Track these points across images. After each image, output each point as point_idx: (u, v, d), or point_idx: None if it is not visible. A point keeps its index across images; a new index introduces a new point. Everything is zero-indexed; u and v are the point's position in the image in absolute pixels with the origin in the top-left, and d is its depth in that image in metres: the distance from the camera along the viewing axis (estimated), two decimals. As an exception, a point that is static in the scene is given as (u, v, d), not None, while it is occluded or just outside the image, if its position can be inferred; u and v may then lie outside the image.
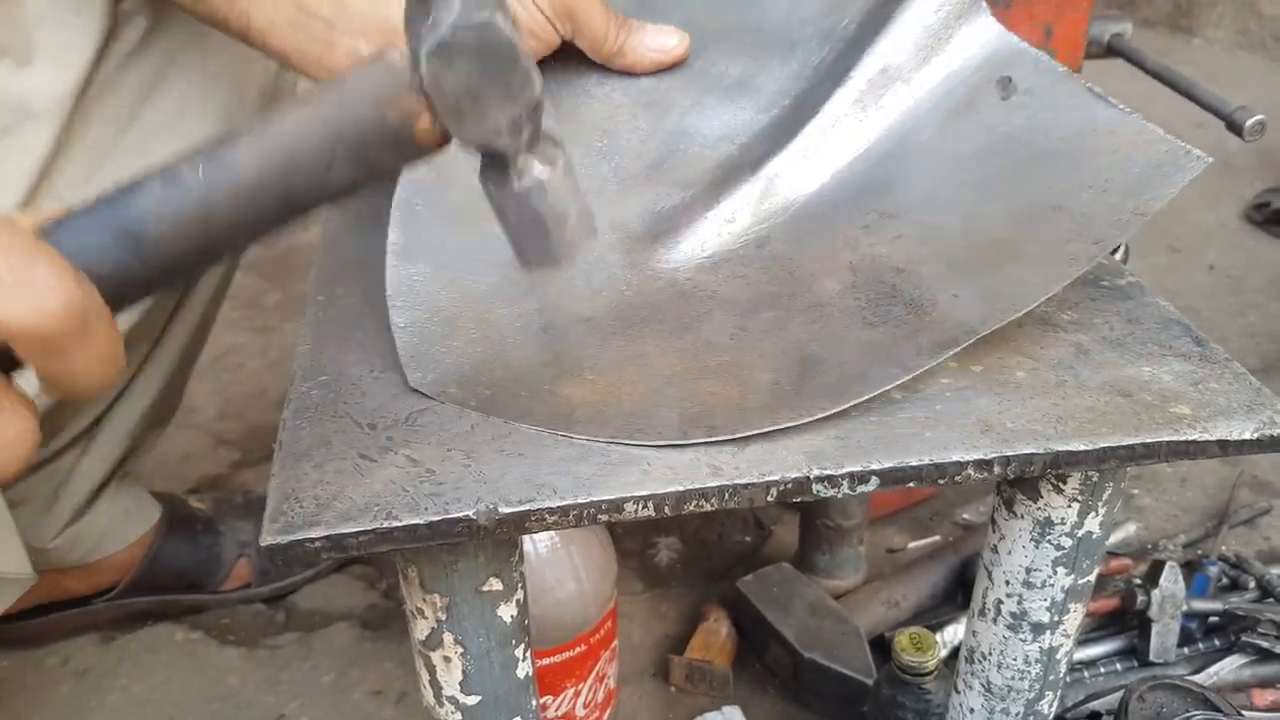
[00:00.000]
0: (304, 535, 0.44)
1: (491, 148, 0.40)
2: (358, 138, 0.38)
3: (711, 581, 1.16)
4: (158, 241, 0.36)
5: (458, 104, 0.38)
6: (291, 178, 0.38)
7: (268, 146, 0.37)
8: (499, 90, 0.38)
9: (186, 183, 0.36)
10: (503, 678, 0.54)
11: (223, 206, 0.37)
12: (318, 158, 0.38)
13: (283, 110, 0.38)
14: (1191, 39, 2.74)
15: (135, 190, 0.36)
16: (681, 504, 0.47)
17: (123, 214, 0.36)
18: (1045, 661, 0.63)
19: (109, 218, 0.36)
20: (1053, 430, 0.50)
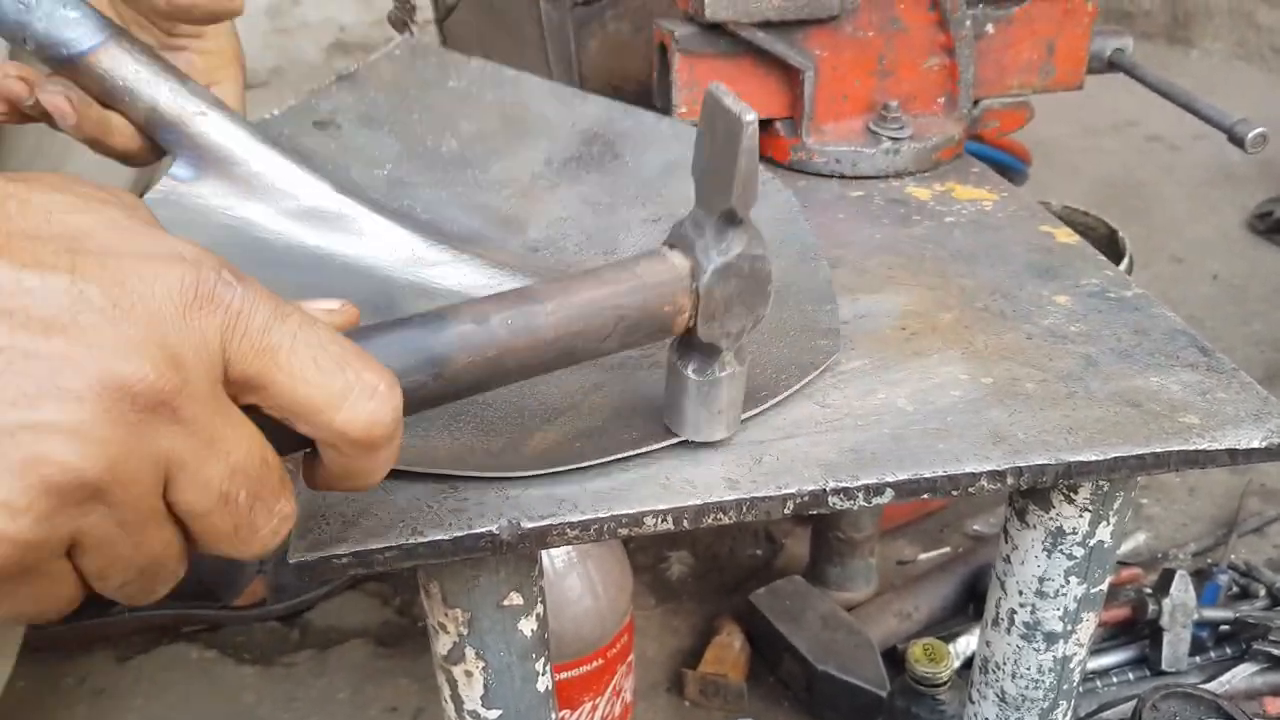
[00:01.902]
0: (331, 552, 0.45)
1: (715, 345, 0.47)
2: (635, 320, 0.45)
3: (724, 595, 1.16)
4: (455, 371, 0.41)
5: (715, 310, 0.46)
6: (576, 341, 0.44)
7: (569, 314, 0.44)
8: (746, 306, 0.47)
9: (494, 329, 0.42)
10: (523, 692, 0.55)
11: (516, 354, 0.43)
12: (602, 329, 0.45)
13: (584, 281, 0.45)
14: (1190, 50, 2.75)
15: (446, 322, 0.41)
16: (700, 517, 0.48)
17: (432, 342, 0.41)
18: (1059, 671, 0.63)
19: (419, 343, 0.41)
20: (1064, 441, 0.51)
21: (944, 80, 0.83)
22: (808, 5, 0.78)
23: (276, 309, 0.34)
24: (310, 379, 0.34)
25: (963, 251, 0.70)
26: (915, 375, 0.56)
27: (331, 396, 0.34)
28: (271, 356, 0.33)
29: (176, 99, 0.59)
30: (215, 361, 0.32)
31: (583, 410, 0.54)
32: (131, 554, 0.32)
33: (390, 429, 0.36)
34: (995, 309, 0.63)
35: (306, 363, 0.34)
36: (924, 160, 0.82)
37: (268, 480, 0.34)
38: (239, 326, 0.33)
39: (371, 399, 0.35)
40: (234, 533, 0.34)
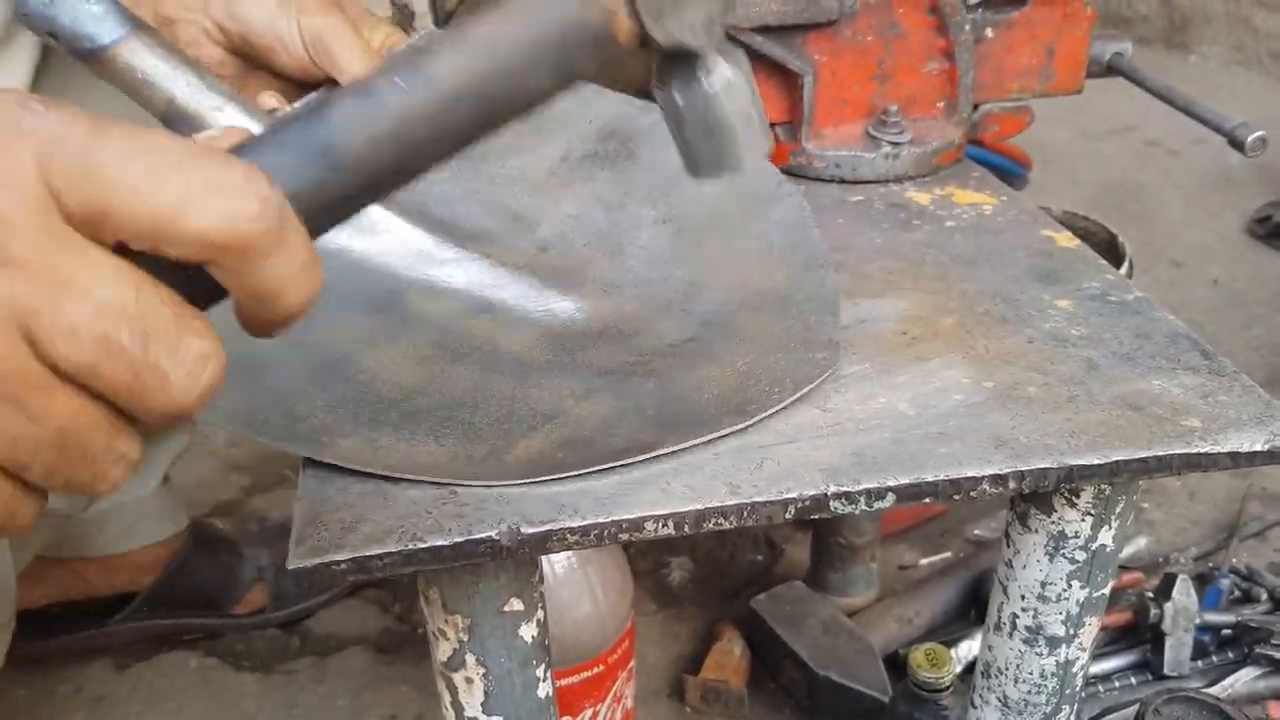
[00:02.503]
0: (330, 558, 0.44)
1: (685, 46, 0.39)
2: (558, 40, 0.37)
3: (724, 601, 1.16)
4: (353, 156, 0.35)
5: (658, 2, 0.38)
6: (491, 85, 0.37)
7: (468, 53, 0.36)
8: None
9: (382, 95, 0.35)
10: (524, 698, 0.55)
11: (420, 118, 0.36)
12: (518, 62, 0.37)
13: (480, 14, 0.37)
14: (1187, 55, 2.76)
15: (328, 106, 0.35)
16: (701, 522, 0.48)
17: (315, 130, 0.35)
18: (1061, 675, 0.63)
19: (301, 135, 0.35)
20: (1066, 444, 0.51)
21: (943, 85, 0.83)
22: (807, 10, 0.78)
23: (96, 125, 0.30)
24: (145, 187, 0.30)
25: (963, 256, 0.70)
26: (916, 379, 0.56)
27: (172, 198, 0.30)
28: (99, 173, 0.29)
29: (194, 94, 0.60)
30: (37, 193, 0.29)
31: (570, 418, 0.54)
32: (34, 428, 0.29)
33: (262, 223, 0.31)
34: (996, 313, 0.62)
35: (138, 172, 0.30)
36: (924, 165, 0.82)
37: (155, 316, 0.30)
38: (54, 151, 0.29)
39: (223, 192, 0.30)
40: (136, 380, 0.30)
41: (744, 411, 0.53)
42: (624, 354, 0.59)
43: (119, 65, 0.59)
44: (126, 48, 0.59)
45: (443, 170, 0.67)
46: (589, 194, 0.69)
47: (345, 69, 0.65)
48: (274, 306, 0.33)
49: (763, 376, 0.56)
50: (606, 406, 0.55)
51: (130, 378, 0.30)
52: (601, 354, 0.60)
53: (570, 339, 0.61)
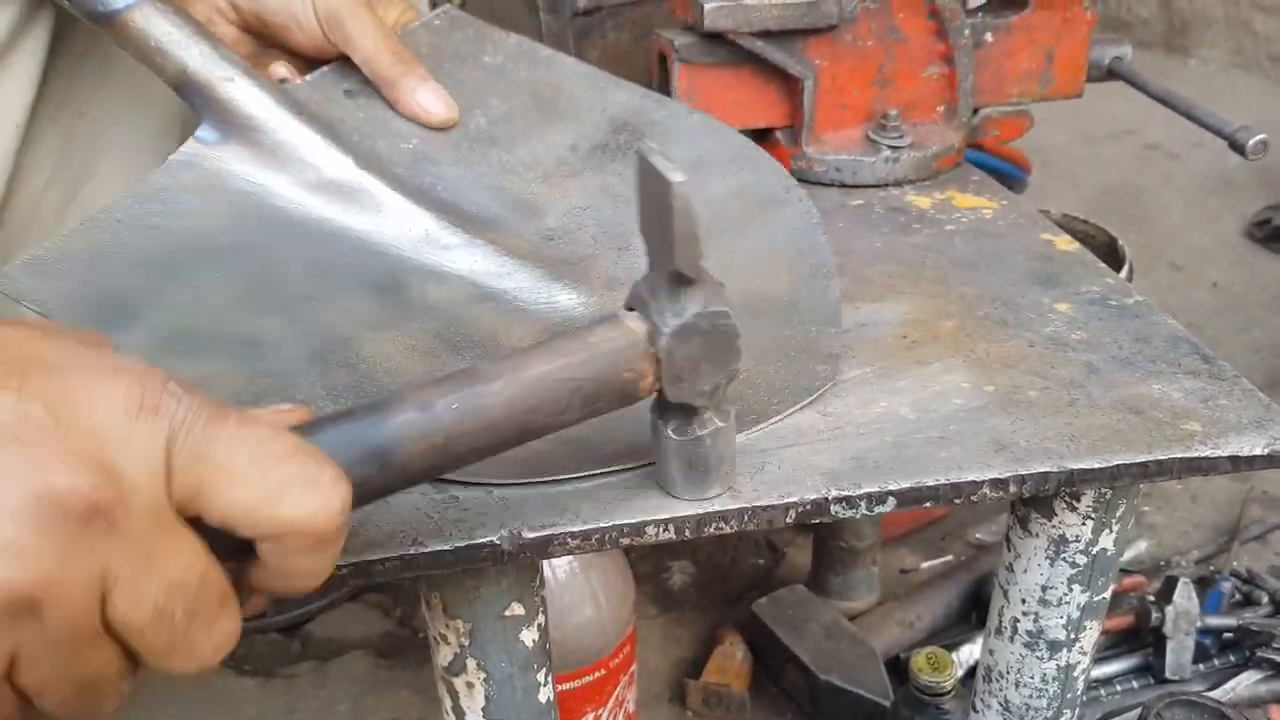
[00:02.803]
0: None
1: (689, 405, 0.46)
2: (594, 390, 0.44)
3: (726, 605, 1.16)
4: (402, 461, 0.40)
5: (680, 371, 0.44)
6: (531, 417, 0.43)
7: (518, 392, 0.42)
8: (715, 364, 0.45)
9: (439, 415, 0.40)
10: (525, 703, 0.55)
11: (466, 438, 0.41)
12: (558, 403, 0.43)
13: (533, 355, 0.43)
14: (1187, 59, 2.76)
15: (389, 411, 0.40)
16: (701, 527, 0.48)
17: (375, 433, 0.39)
18: (1063, 679, 0.63)
19: (362, 434, 0.39)
20: (1066, 448, 0.51)
21: (943, 89, 0.83)
22: (807, 14, 0.78)
23: (215, 413, 0.34)
24: (248, 475, 0.33)
25: (963, 259, 0.70)
26: (917, 383, 0.56)
27: (271, 491, 0.33)
28: (210, 458, 0.33)
29: (206, 63, 0.60)
30: (158, 471, 0.32)
31: None
32: (68, 671, 0.32)
33: (338, 521, 0.35)
34: (996, 317, 0.63)
35: (244, 460, 0.33)
36: (924, 169, 0.82)
37: (207, 598, 0.34)
38: (181, 433, 0.32)
39: (315, 491, 0.34)
40: (170, 650, 0.33)
41: (744, 420, 0.52)
42: None
43: (132, 30, 0.59)
44: (140, 13, 0.59)
45: (448, 154, 0.67)
46: (598, 186, 0.68)
47: (360, 47, 0.66)
48: (299, 585, 0.37)
49: (762, 385, 0.56)
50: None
51: (166, 644, 0.33)
52: None
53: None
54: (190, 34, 0.60)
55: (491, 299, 0.61)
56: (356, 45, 0.65)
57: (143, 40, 0.60)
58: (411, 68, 0.66)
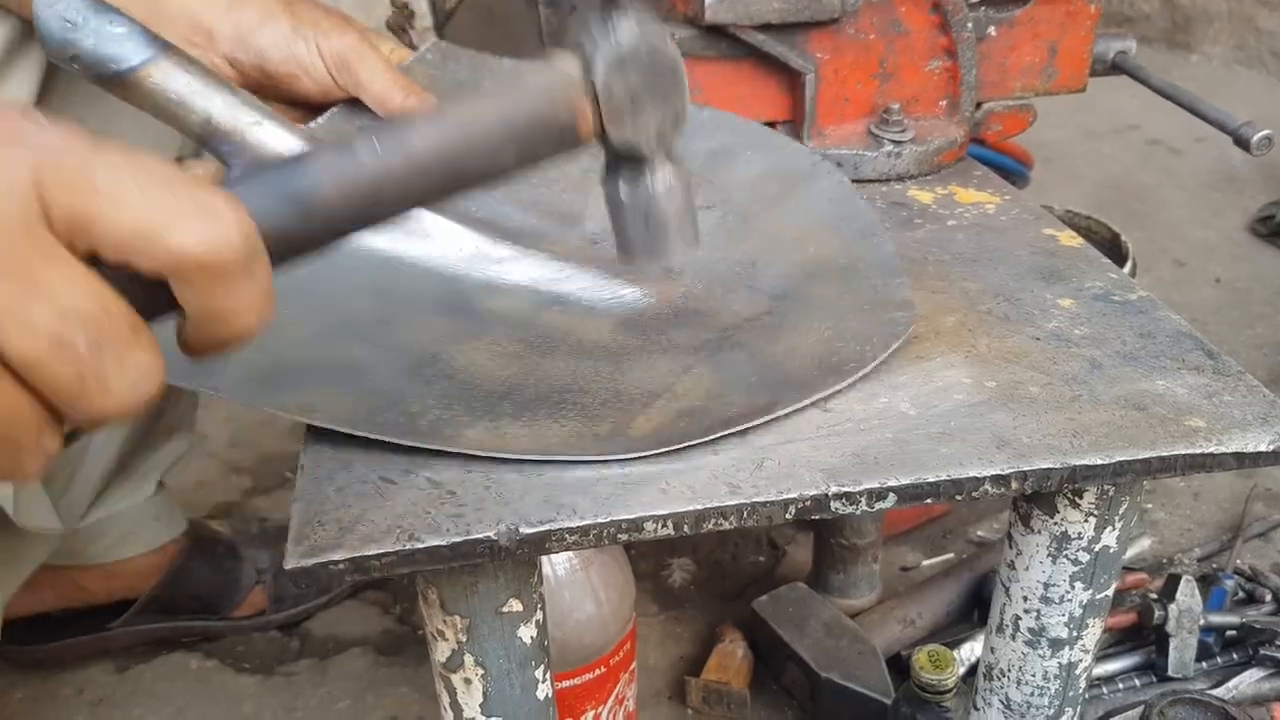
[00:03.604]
0: (327, 558, 0.44)
1: (637, 149, 0.44)
2: (528, 128, 0.41)
3: (726, 602, 1.16)
4: (324, 207, 0.38)
5: (621, 108, 0.43)
6: (462, 158, 0.41)
7: (445, 128, 0.40)
8: (657, 100, 0.43)
9: (360, 156, 0.39)
10: (523, 700, 0.54)
11: (392, 180, 0.39)
12: (489, 142, 0.41)
13: (460, 99, 0.42)
14: (1189, 55, 2.75)
15: (308, 158, 0.38)
16: (700, 523, 0.47)
17: (293, 178, 0.38)
18: (1064, 677, 0.62)
19: (279, 181, 0.38)
20: (1068, 445, 0.50)
21: (946, 83, 0.83)
22: (808, 8, 0.77)
23: (95, 144, 0.32)
24: (135, 203, 0.32)
25: (965, 255, 0.69)
26: (918, 379, 0.56)
27: (160, 217, 0.32)
28: (90, 187, 0.31)
29: (231, 110, 0.59)
30: (27, 197, 0.31)
31: (678, 392, 0.55)
32: None
33: (238, 249, 0.33)
34: (999, 312, 0.62)
35: (129, 188, 0.32)
36: (926, 163, 0.81)
37: (110, 326, 0.32)
38: (51, 163, 0.31)
39: (207, 216, 0.33)
40: (80, 382, 0.32)
41: (842, 371, 0.55)
42: (705, 331, 0.61)
43: (148, 87, 0.58)
44: (156, 68, 0.58)
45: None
46: None
47: (369, 87, 0.66)
48: (226, 328, 0.35)
49: (849, 339, 0.58)
50: (709, 379, 0.56)
51: (74, 380, 0.31)
52: (683, 334, 0.61)
53: (647, 323, 0.62)
54: (209, 82, 0.59)
55: (558, 302, 0.62)
56: (366, 85, 0.66)
57: (160, 96, 0.58)
58: (422, 99, 0.67)
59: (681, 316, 0.63)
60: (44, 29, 0.56)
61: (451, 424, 0.52)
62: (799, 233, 0.67)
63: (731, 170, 0.70)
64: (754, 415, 0.52)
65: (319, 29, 0.66)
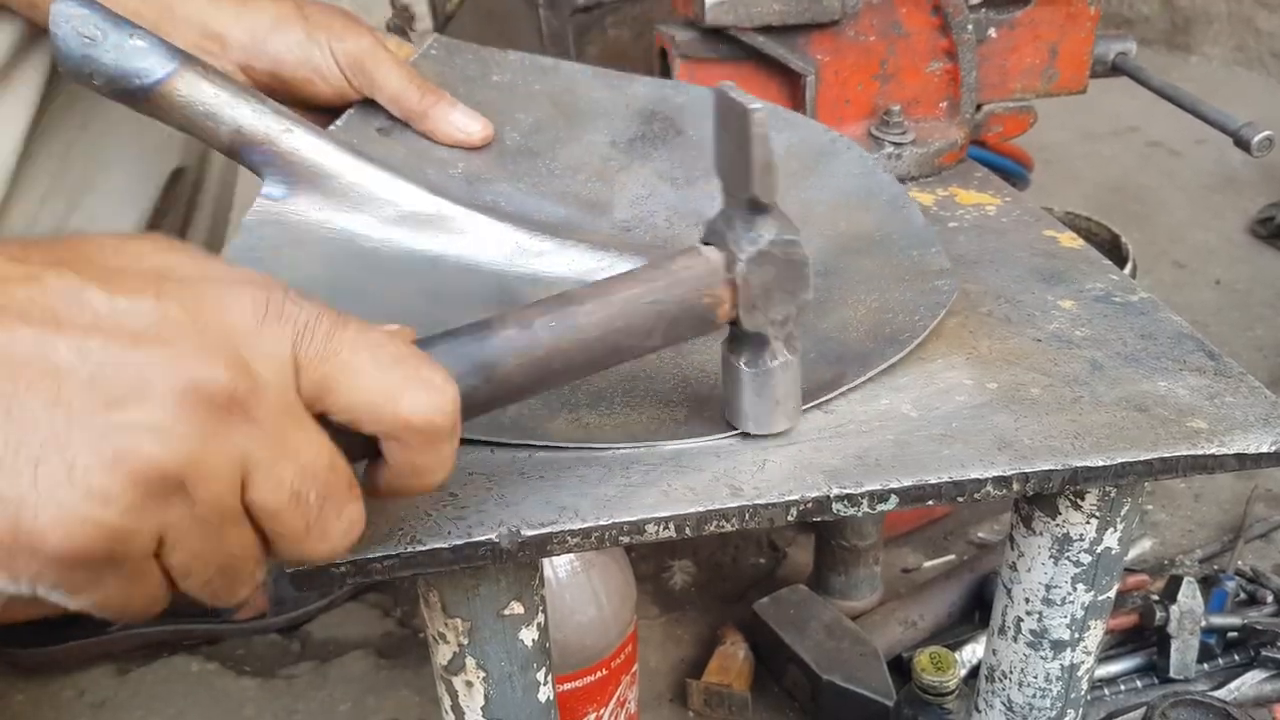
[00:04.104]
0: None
1: (763, 334, 0.48)
2: (676, 315, 0.47)
3: (727, 604, 1.15)
4: (504, 374, 0.43)
5: (755, 298, 0.47)
6: (620, 339, 0.46)
7: (610, 314, 0.45)
8: (787, 292, 0.48)
9: (537, 333, 0.44)
10: (524, 702, 0.54)
11: (562, 354, 0.45)
12: (644, 326, 0.46)
13: (620, 281, 0.47)
14: (1189, 56, 2.75)
15: (492, 330, 0.43)
16: (702, 525, 0.47)
17: (480, 348, 0.43)
18: (1066, 679, 0.62)
19: (468, 349, 0.43)
20: (1070, 446, 0.50)
21: (946, 85, 0.83)
22: (809, 9, 0.77)
23: (336, 319, 0.37)
24: (370, 374, 0.37)
25: (966, 256, 0.69)
26: (919, 381, 0.56)
27: (390, 388, 0.37)
28: (335, 358, 0.36)
29: (261, 119, 0.59)
30: (287, 370, 0.35)
31: None
32: (213, 551, 0.35)
33: (450, 419, 0.38)
34: (1000, 314, 0.62)
35: (365, 361, 0.37)
36: (926, 165, 0.81)
37: (336, 483, 0.37)
38: (306, 336, 0.36)
39: (429, 389, 0.38)
40: (306, 531, 0.36)
41: (898, 341, 0.56)
42: None
43: (175, 100, 0.57)
44: (181, 80, 0.57)
45: (498, 172, 0.68)
46: (651, 173, 0.70)
47: (385, 87, 0.67)
48: (420, 482, 0.40)
49: (897, 309, 0.58)
50: None
51: (302, 527, 0.36)
52: None
53: None
54: (236, 92, 0.58)
55: None
56: (381, 85, 0.67)
57: (188, 108, 0.57)
58: (439, 96, 0.68)
59: None
60: (62, 46, 0.55)
61: (533, 418, 0.52)
62: (828, 208, 0.67)
63: None
64: (823, 390, 0.53)
65: (331, 32, 0.66)
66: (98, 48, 0.55)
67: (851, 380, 0.54)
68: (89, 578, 0.33)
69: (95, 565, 0.32)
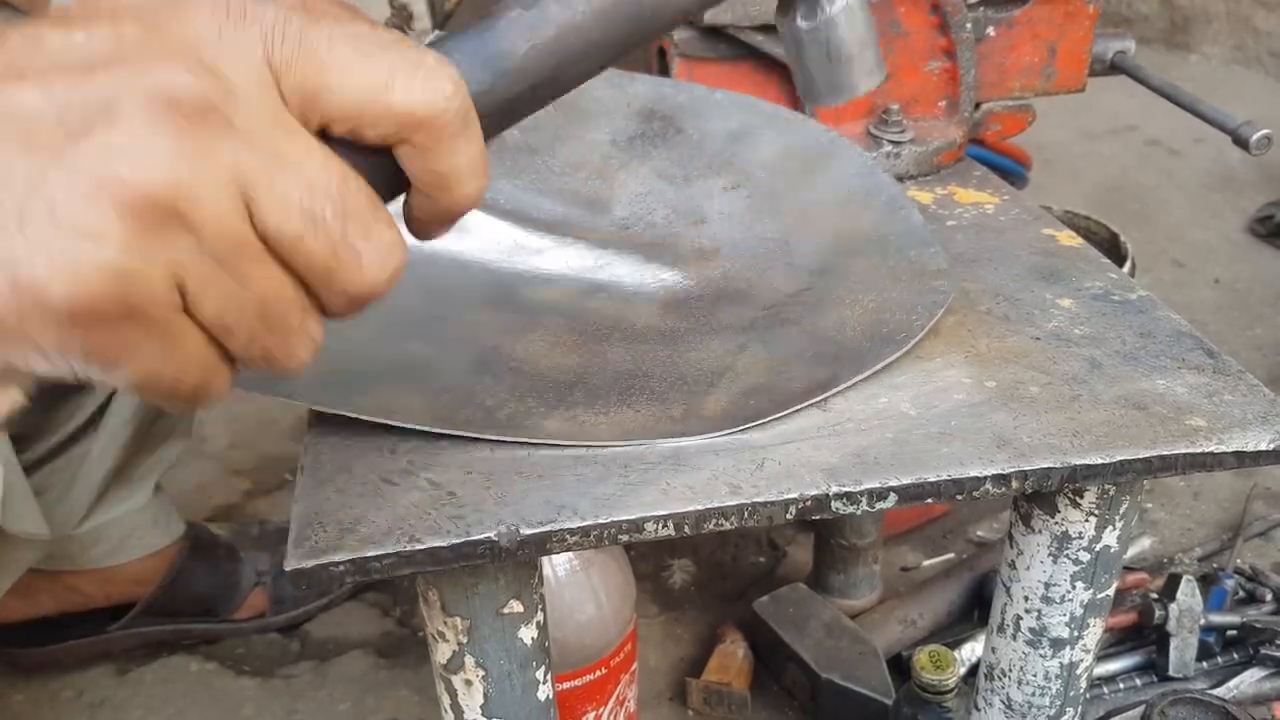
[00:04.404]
0: (328, 559, 0.44)
1: None
2: None
3: (726, 603, 1.15)
4: (517, 63, 0.38)
5: None
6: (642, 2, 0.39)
7: None
8: None
9: (546, 8, 0.38)
10: (524, 701, 0.54)
11: (578, 30, 0.39)
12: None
13: None
14: (1188, 55, 2.75)
15: (496, 16, 0.38)
16: (701, 523, 0.47)
17: (484, 40, 0.38)
18: (1065, 677, 0.62)
19: (471, 43, 0.38)
20: (1069, 444, 0.50)
21: (945, 84, 0.83)
22: (807, 9, 0.77)
23: (309, 12, 0.33)
24: (355, 67, 0.33)
25: (965, 255, 0.69)
26: (918, 379, 0.56)
27: (378, 78, 0.33)
28: (313, 56, 0.32)
29: None
30: (262, 71, 0.32)
31: (739, 371, 0.56)
32: (243, 295, 0.31)
33: (456, 104, 0.34)
34: (998, 312, 0.62)
35: (348, 54, 0.33)
36: (925, 164, 0.81)
37: (354, 199, 0.32)
38: (276, 35, 0.32)
39: (423, 71, 0.33)
40: (335, 257, 0.32)
41: (895, 341, 0.55)
42: (751, 310, 0.61)
43: None
44: None
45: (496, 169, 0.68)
46: (650, 171, 0.70)
47: None
48: (452, 195, 0.36)
49: (895, 309, 0.58)
50: (765, 356, 0.57)
51: (329, 254, 0.32)
52: (730, 314, 0.61)
53: (692, 305, 0.62)
54: None
55: (602, 289, 0.63)
56: None
57: None
58: None
59: (724, 296, 0.63)
60: None
61: (529, 415, 0.52)
62: (827, 209, 0.67)
63: (754, 150, 0.71)
64: (818, 390, 0.53)
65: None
66: None
67: (846, 380, 0.54)
68: (115, 339, 0.30)
69: (114, 319, 0.29)
